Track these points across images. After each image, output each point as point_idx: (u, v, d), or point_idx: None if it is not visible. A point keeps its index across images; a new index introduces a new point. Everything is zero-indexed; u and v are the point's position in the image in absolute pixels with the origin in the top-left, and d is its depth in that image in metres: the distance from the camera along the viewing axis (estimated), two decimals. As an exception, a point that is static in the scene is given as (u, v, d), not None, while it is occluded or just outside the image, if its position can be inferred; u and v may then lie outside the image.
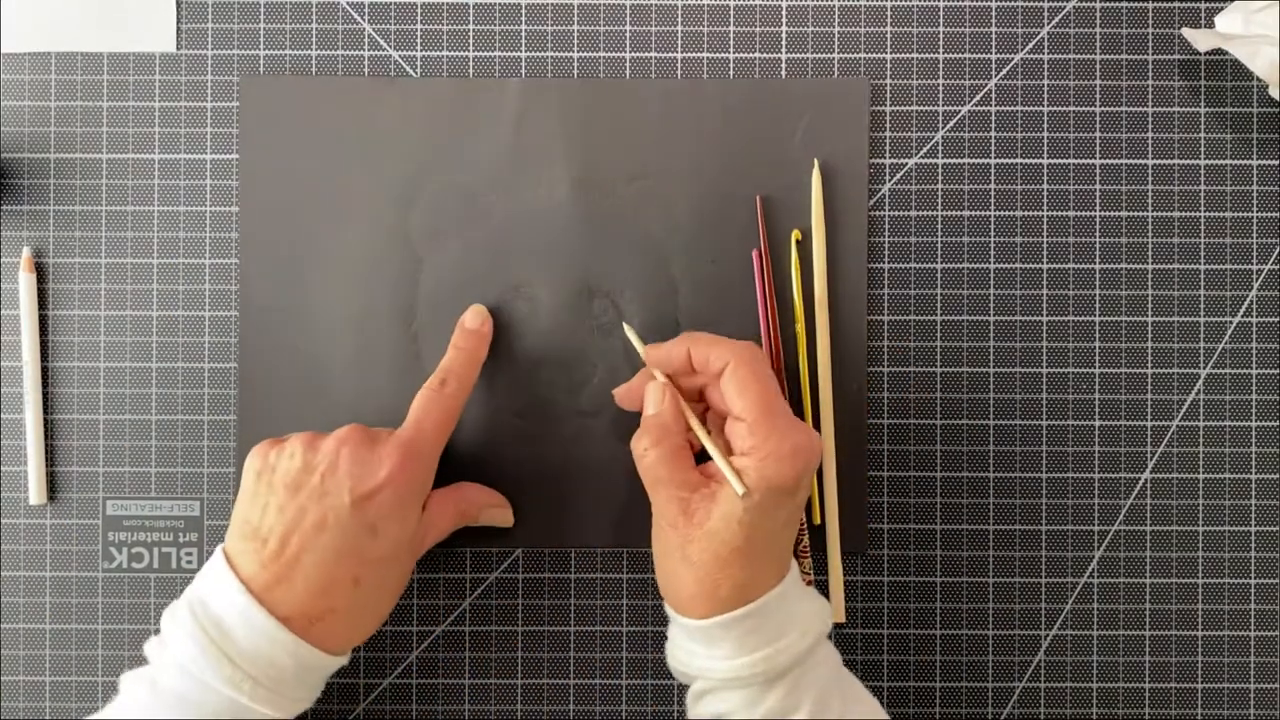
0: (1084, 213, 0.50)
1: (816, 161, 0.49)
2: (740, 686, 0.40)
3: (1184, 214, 0.50)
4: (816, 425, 0.49)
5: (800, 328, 0.49)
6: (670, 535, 0.41)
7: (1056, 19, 0.51)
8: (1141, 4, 0.51)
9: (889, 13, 0.51)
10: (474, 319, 0.48)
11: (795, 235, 0.49)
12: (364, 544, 0.42)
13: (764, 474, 0.40)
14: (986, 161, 0.50)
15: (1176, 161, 0.50)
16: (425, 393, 0.46)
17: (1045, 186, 0.50)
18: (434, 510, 0.46)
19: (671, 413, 0.43)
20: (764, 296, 0.49)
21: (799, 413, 0.49)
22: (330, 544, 0.41)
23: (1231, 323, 0.50)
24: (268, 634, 0.40)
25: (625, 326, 0.48)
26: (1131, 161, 0.50)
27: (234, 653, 0.40)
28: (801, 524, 0.48)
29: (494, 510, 0.49)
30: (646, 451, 0.42)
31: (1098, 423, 0.50)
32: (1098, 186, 0.50)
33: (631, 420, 0.49)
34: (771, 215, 0.50)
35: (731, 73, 0.51)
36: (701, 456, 0.43)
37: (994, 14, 0.51)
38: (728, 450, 0.42)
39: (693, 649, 0.42)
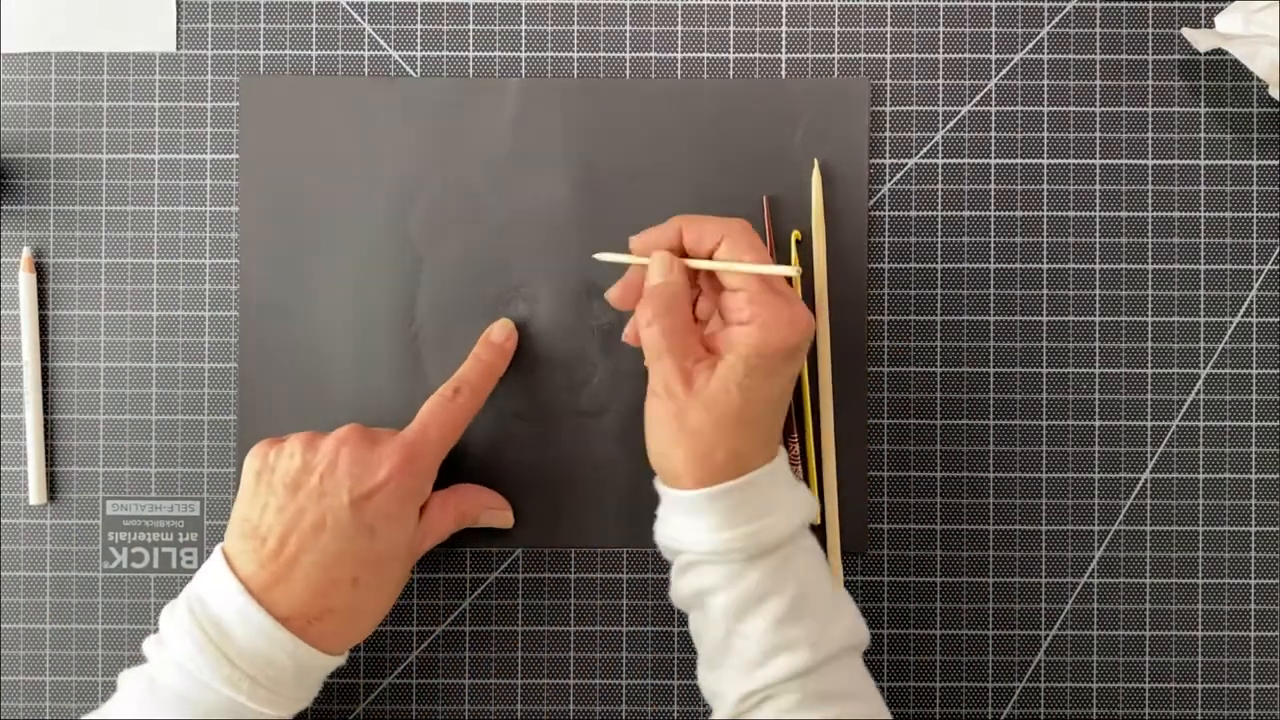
0: (1084, 213, 0.50)
1: (816, 162, 0.49)
2: (722, 561, 0.40)
3: (1184, 214, 0.50)
4: (817, 426, 0.49)
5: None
6: (668, 404, 0.41)
7: (1056, 19, 0.51)
8: (1141, 4, 0.51)
9: (889, 13, 0.51)
10: (500, 332, 0.49)
11: (795, 235, 0.49)
12: (362, 545, 0.42)
13: (766, 339, 0.40)
14: (986, 161, 0.50)
15: (1176, 161, 0.50)
16: (436, 399, 0.46)
17: (1045, 186, 0.50)
18: (433, 512, 0.46)
19: (680, 281, 0.42)
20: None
21: (800, 413, 0.49)
22: (329, 544, 0.41)
23: (1231, 323, 0.50)
24: (266, 633, 0.40)
25: (597, 256, 0.45)
26: (1131, 161, 0.50)
27: (232, 652, 0.40)
28: (792, 434, 0.48)
29: (494, 513, 0.49)
30: (652, 323, 0.41)
31: (1098, 423, 0.50)
32: (1098, 186, 0.50)
33: (632, 420, 0.49)
34: (772, 215, 0.50)
35: (731, 73, 0.51)
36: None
37: (994, 14, 0.51)
38: (722, 323, 0.42)
39: (680, 522, 0.42)
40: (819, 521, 0.49)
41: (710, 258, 0.42)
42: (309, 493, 0.42)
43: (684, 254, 0.43)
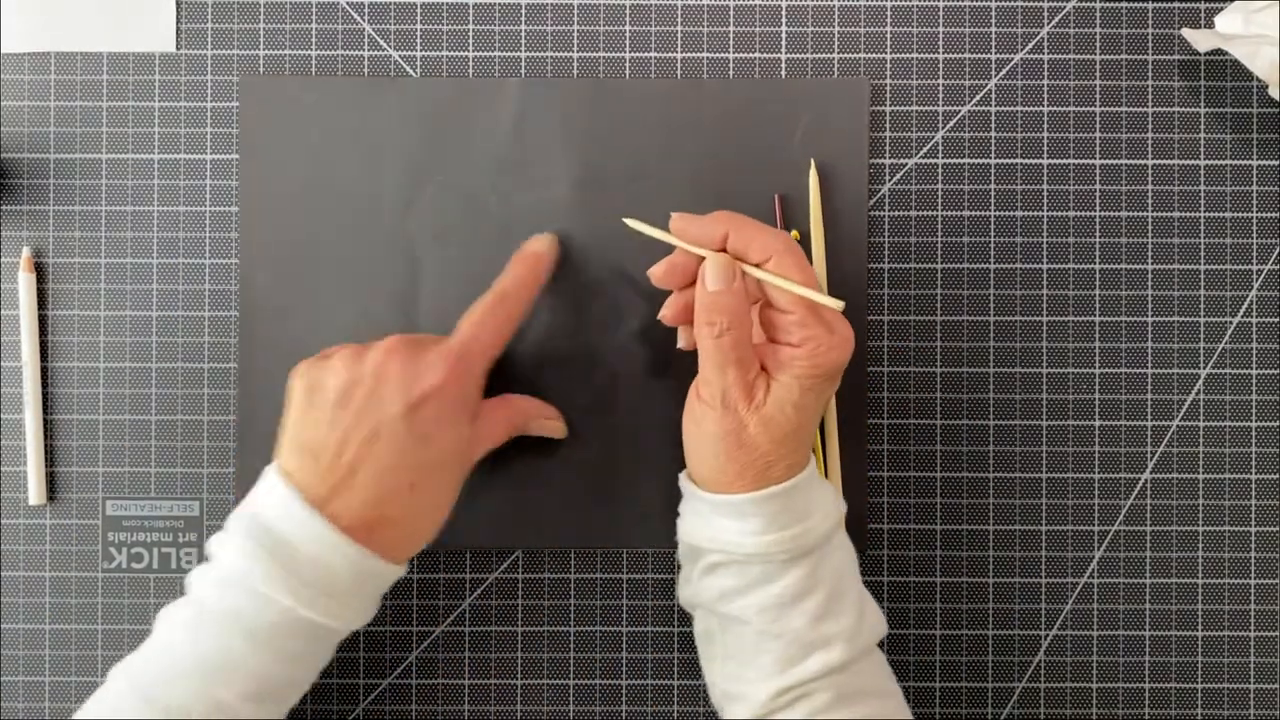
0: (1084, 213, 0.50)
1: (814, 162, 0.49)
2: (761, 562, 0.41)
3: (1184, 214, 0.50)
4: (819, 426, 0.49)
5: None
6: (724, 417, 0.41)
7: (1056, 19, 0.51)
8: (1141, 4, 0.51)
9: (889, 13, 0.51)
10: (537, 243, 0.48)
11: (794, 235, 0.49)
12: (418, 452, 0.41)
13: (817, 363, 0.41)
14: (986, 161, 0.50)
15: (1176, 162, 0.50)
16: (479, 306, 0.45)
17: (1045, 187, 0.50)
18: (486, 419, 0.45)
19: (743, 291, 0.42)
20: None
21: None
22: (384, 454, 0.41)
23: (1231, 323, 0.50)
24: (328, 542, 0.40)
25: (628, 221, 0.45)
26: (1131, 162, 0.50)
27: (293, 563, 0.39)
28: None
29: (545, 422, 0.48)
30: (724, 334, 0.41)
31: (1098, 423, 0.50)
32: (1098, 186, 0.50)
33: (632, 420, 0.49)
34: (771, 215, 0.50)
35: (731, 73, 0.51)
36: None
37: (994, 14, 0.51)
38: (764, 337, 0.43)
39: (720, 524, 0.42)
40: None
41: (758, 266, 0.42)
42: (360, 405, 0.41)
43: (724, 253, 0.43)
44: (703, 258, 0.42)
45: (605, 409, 0.50)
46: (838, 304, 0.40)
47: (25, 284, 0.50)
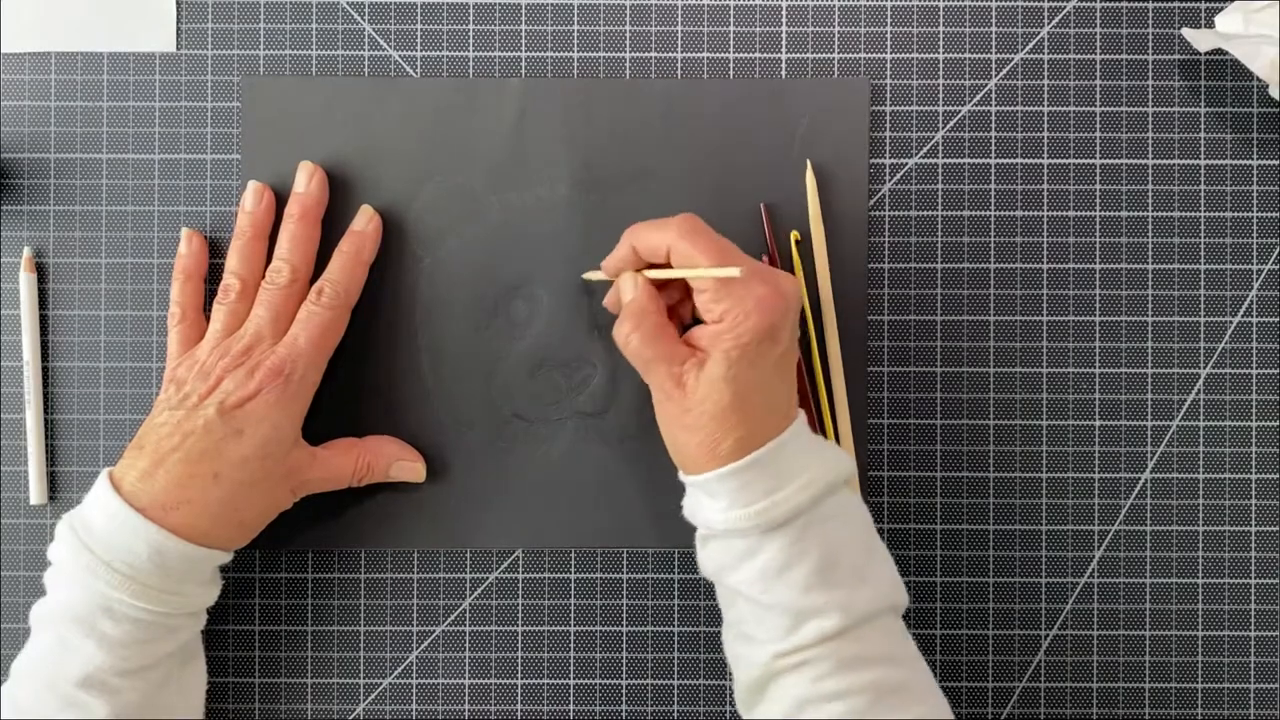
0: (1084, 213, 0.50)
1: (809, 163, 0.49)
2: (738, 536, 0.41)
3: (1184, 214, 0.50)
4: (821, 427, 0.49)
5: (810, 327, 0.49)
6: (668, 407, 0.43)
7: (1056, 19, 0.51)
8: (1141, 4, 0.51)
9: (889, 13, 0.51)
10: (360, 219, 0.49)
11: (795, 236, 0.49)
12: (228, 444, 0.43)
13: (737, 334, 0.41)
14: (986, 161, 0.50)
15: (1176, 161, 0.50)
16: (304, 305, 0.46)
17: (1045, 186, 0.50)
18: (334, 451, 0.47)
19: (646, 294, 0.44)
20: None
21: (806, 412, 0.49)
22: (195, 444, 0.43)
23: (1231, 323, 0.50)
24: (119, 518, 0.42)
25: (586, 276, 0.48)
26: (1131, 161, 0.50)
27: (92, 542, 0.41)
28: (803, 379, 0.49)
29: (405, 465, 0.49)
30: (630, 336, 0.43)
31: (1098, 423, 0.50)
32: (1098, 186, 0.50)
33: (632, 420, 0.49)
34: (772, 216, 0.50)
35: (731, 73, 0.51)
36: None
37: (994, 14, 0.51)
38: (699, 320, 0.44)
39: (699, 501, 0.43)
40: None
41: (667, 263, 0.43)
42: (187, 408, 0.44)
43: (650, 265, 0.44)
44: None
45: (605, 409, 0.50)
46: (731, 272, 0.40)
47: (26, 284, 0.50)
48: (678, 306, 0.47)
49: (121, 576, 0.41)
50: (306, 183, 0.48)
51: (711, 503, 0.42)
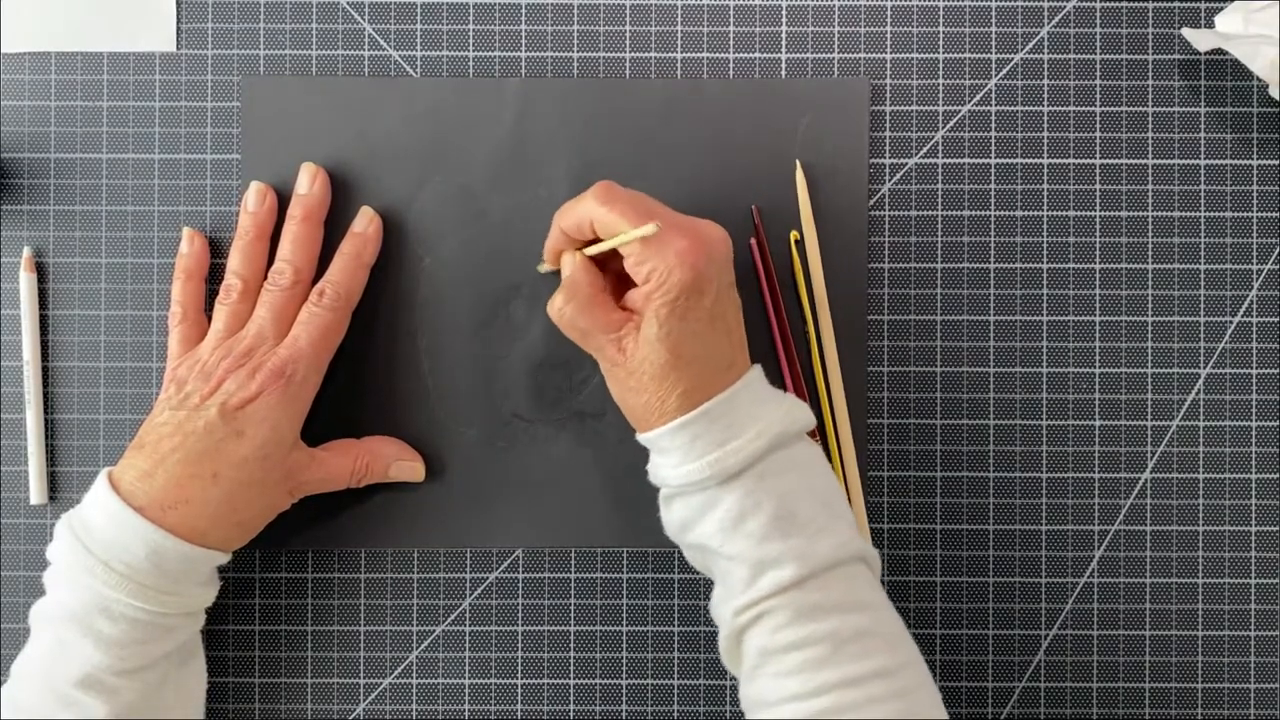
0: (1084, 212, 0.50)
1: (799, 164, 0.49)
2: (696, 490, 0.42)
3: (1184, 214, 0.50)
4: (821, 427, 0.49)
5: (809, 327, 0.49)
6: (615, 374, 0.43)
7: (1056, 19, 0.51)
8: (1141, 4, 0.51)
9: (889, 13, 0.51)
10: (361, 221, 0.49)
11: (794, 235, 0.49)
12: (228, 444, 0.43)
13: (667, 288, 0.41)
14: (986, 161, 0.50)
15: (1176, 161, 0.50)
16: (305, 307, 0.46)
17: (1045, 186, 0.50)
18: (332, 452, 0.47)
19: (579, 268, 0.44)
20: (771, 299, 0.49)
21: (817, 412, 0.49)
22: (195, 445, 0.43)
23: (1231, 323, 0.50)
24: (117, 518, 0.42)
25: (541, 269, 0.49)
26: (1131, 161, 0.50)
27: (91, 541, 0.42)
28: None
29: (404, 464, 0.49)
30: (563, 309, 0.44)
31: (1098, 422, 0.50)
32: (1098, 186, 0.50)
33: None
34: (772, 215, 0.50)
35: (731, 73, 0.51)
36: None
37: (994, 14, 0.51)
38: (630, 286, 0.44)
39: (655, 460, 0.44)
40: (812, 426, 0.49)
41: (597, 238, 0.44)
42: (189, 409, 0.44)
43: (586, 243, 0.45)
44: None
45: (605, 409, 0.50)
46: (647, 230, 0.40)
47: (26, 284, 0.50)
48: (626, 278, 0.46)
49: (119, 576, 0.41)
50: (309, 184, 0.48)
51: (664, 460, 0.43)
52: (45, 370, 0.50)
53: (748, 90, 0.50)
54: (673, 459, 0.42)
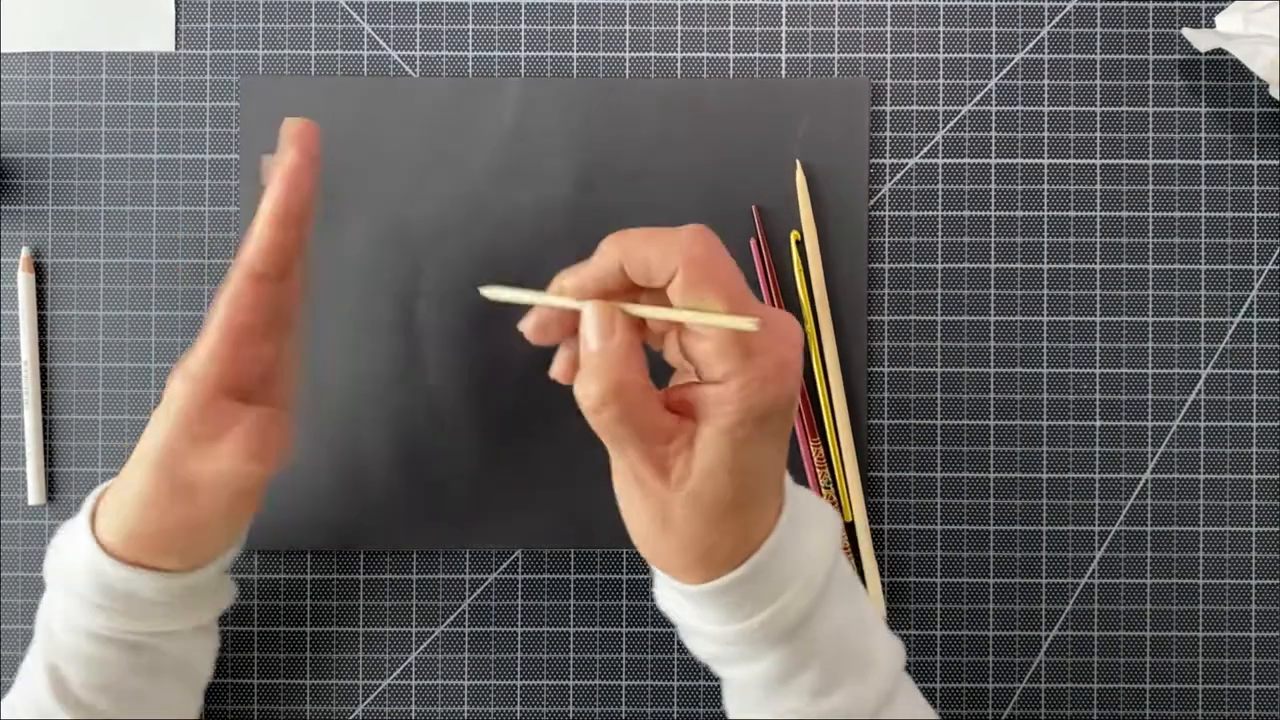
0: (1085, 213, 0.50)
1: (799, 163, 0.49)
2: (733, 643, 0.35)
3: (1185, 214, 0.50)
4: (821, 428, 0.49)
5: (809, 328, 0.49)
6: (644, 497, 0.33)
7: (1057, 19, 0.51)
8: (1142, 4, 0.51)
9: (889, 13, 0.51)
10: (285, 129, 0.39)
11: (794, 236, 0.49)
12: (180, 481, 0.37)
13: (750, 405, 0.31)
14: (987, 161, 0.50)
15: (1177, 161, 0.50)
16: (218, 299, 0.38)
17: (1046, 186, 0.50)
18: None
19: (627, 345, 0.32)
20: (770, 299, 0.49)
21: (816, 412, 0.49)
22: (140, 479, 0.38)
23: (1232, 323, 0.50)
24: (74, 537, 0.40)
25: (484, 291, 0.37)
26: (1132, 161, 0.50)
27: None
28: (814, 436, 0.47)
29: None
30: (601, 409, 0.32)
31: (1098, 423, 0.50)
32: (1098, 186, 0.50)
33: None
34: (772, 215, 0.50)
35: (731, 73, 0.51)
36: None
37: (994, 14, 0.51)
38: (687, 369, 0.34)
39: (677, 601, 0.36)
40: (882, 613, 0.49)
41: (666, 289, 0.33)
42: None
43: (629, 288, 0.34)
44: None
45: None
46: (749, 324, 0.31)
47: (24, 284, 0.50)
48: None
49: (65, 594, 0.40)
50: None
51: (699, 612, 0.35)
52: (43, 370, 0.50)
53: (748, 90, 0.50)
54: (712, 615, 0.34)
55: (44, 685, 0.40)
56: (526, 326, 0.36)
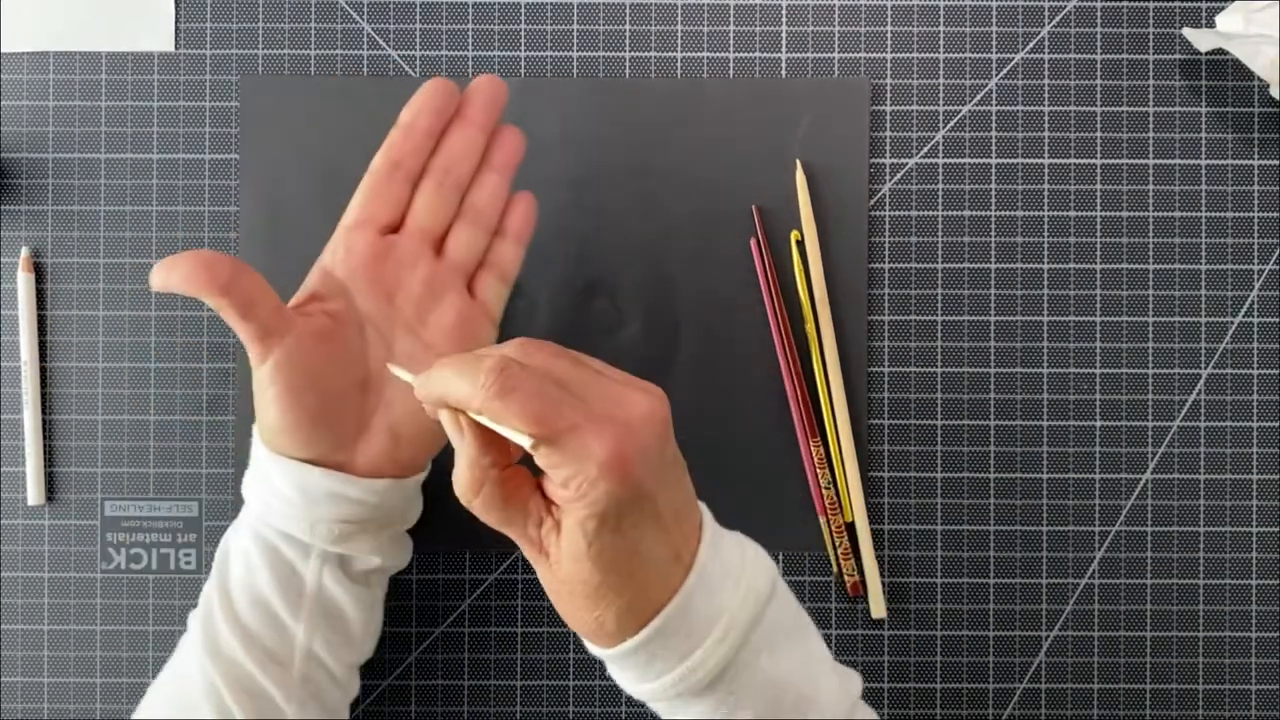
0: (1085, 213, 0.50)
1: (799, 163, 0.49)
2: (659, 699, 0.35)
3: (1185, 214, 0.50)
4: (822, 428, 0.49)
5: (810, 327, 0.49)
6: (538, 567, 0.35)
7: (1057, 18, 0.51)
8: (1142, 3, 0.51)
9: (889, 13, 0.51)
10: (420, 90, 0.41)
11: (795, 236, 0.49)
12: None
13: (588, 503, 0.32)
14: (987, 161, 0.50)
15: (1177, 161, 0.50)
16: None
17: (1046, 186, 0.50)
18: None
19: (477, 444, 0.34)
20: (770, 299, 0.49)
21: (817, 412, 0.49)
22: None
23: (1233, 323, 0.50)
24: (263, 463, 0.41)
25: (391, 367, 0.40)
26: (1132, 161, 0.50)
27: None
28: (814, 437, 0.47)
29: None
30: (471, 499, 0.34)
31: (1099, 423, 0.50)
32: (1098, 186, 0.50)
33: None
34: (772, 215, 0.50)
35: (731, 73, 0.51)
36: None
37: (994, 13, 0.51)
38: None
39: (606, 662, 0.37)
40: (884, 614, 0.49)
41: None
42: None
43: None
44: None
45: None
46: (522, 441, 0.31)
47: (24, 284, 0.50)
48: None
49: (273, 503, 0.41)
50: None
51: (614, 671, 0.36)
52: (43, 370, 0.50)
53: (748, 90, 0.50)
54: (626, 675, 0.35)
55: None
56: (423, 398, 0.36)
